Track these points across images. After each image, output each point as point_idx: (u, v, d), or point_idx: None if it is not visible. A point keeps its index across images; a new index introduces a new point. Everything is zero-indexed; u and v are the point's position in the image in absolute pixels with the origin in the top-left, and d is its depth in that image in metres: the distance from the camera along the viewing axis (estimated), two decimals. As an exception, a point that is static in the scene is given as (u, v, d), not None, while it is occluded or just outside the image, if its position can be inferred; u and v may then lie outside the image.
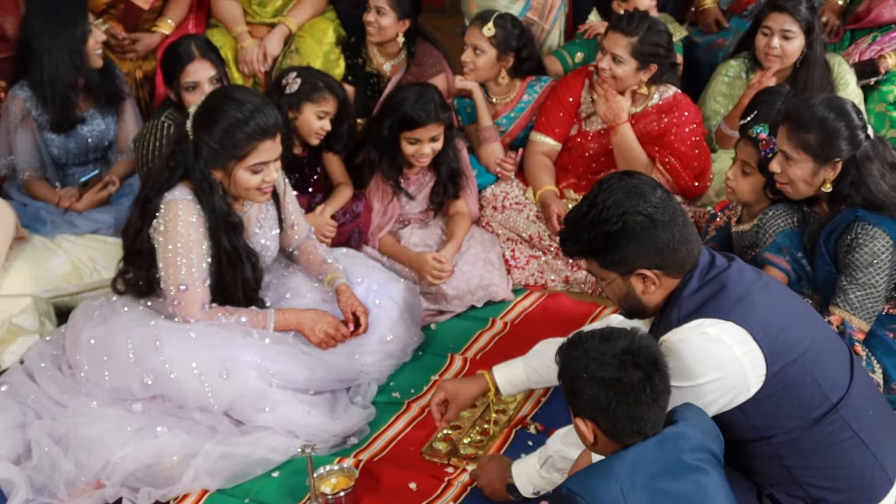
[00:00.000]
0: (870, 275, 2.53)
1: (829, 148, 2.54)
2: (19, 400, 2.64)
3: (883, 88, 3.78)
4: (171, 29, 4.07)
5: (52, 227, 3.37)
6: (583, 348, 1.90)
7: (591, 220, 2.07)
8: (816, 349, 2.11)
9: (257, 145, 2.60)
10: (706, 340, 2.01)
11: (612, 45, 3.37)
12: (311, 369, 2.69)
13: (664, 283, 2.09)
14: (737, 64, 3.71)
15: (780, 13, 3.45)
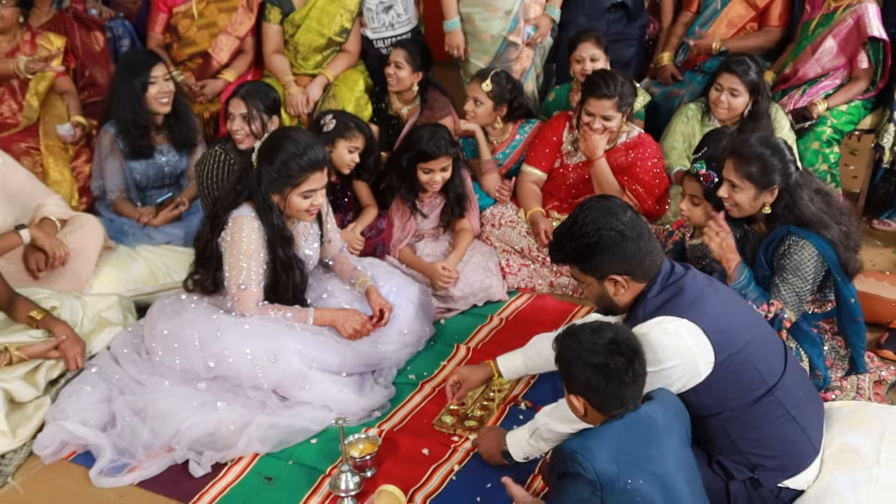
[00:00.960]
0: (798, 276, 2.54)
1: (767, 177, 2.55)
2: (106, 379, 2.65)
3: (817, 129, 3.75)
4: (234, 77, 4.08)
5: (133, 239, 3.39)
6: (577, 339, 1.93)
7: (573, 234, 2.11)
8: (756, 342, 2.12)
9: (309, 176, 2.62)
10: (665, 334, 2.02)
11: (599, 109, 3.35)
12: (342, 356, 2.69)
13: (632, 287, 2.11)
14: (695, 107, 3.69)
15: (730, 74, 3.44)
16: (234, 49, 4.12)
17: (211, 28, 4.06)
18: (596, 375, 1.87)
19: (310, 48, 4.13)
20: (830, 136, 3.76)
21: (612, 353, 1.87)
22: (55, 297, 2.87)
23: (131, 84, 3.39)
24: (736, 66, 3.44)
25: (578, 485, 1.81)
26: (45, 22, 3.84)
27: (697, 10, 4.23)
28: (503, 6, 3.97)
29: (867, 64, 3.79)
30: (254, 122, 3.20)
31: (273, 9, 4.09)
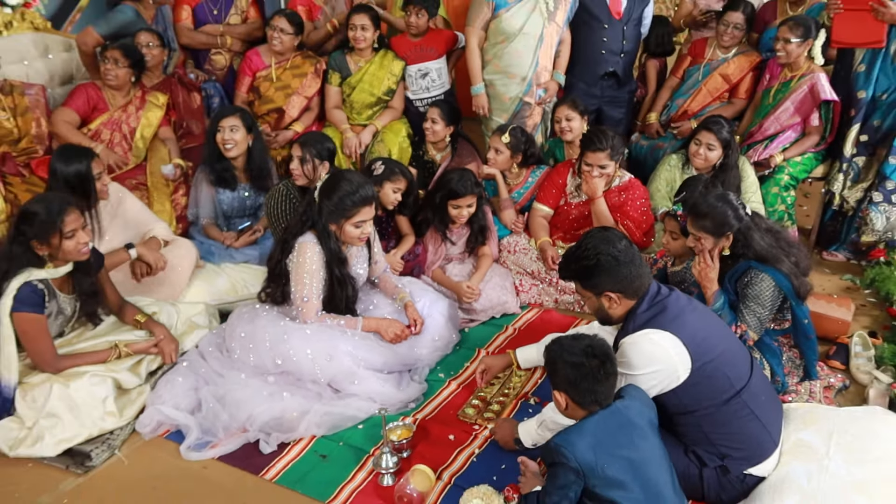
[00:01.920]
0: (758, 304, 2.52)
1: (721, 227, 2.53)
2: (194, 371, 2.66)
3: (776, 177, 3.71)
4: (302, 128, 4.11)
5: (218, 258, 3.40)
6: (560, 343, 1.97)
7: (577, 256, 2.14)
8: (727, 353, 2.11)
9: (360, 209, 2.63)
10: (650, 343, 2.02)
11: (595, 160, 3.34)
12: (385, 356, 2.69)
13: (623, 303, 2.11)
14: (676, 158, 3.67)
15: (707, 131, 3.42)
16: (304, 106, 4.15)
17: (286, 89, 4.10)
18: (574, 372, 1.90)
19: (362, 105, 4.16)
20: (788, 182, 3.72)
21: (587, 354, 1.91)
22: (155, 304, 2.89)
23: (210, 131, 3.47)
24: (712, 125, 3.42)
25: (565, 471, 1.82)
26: (155, 83, 3.91)
27: (682, 77, 4.21)
28: (520, 73, 3.98)
29: (818, 122, 3.76)
30: (306, 164, 3.20)
31: (334, 74, 4.14)
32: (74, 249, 2.43)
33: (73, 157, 2.87)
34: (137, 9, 4.00)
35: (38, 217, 2.36)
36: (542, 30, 3.92)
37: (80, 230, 2.44)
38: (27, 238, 2.38)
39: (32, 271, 2.41)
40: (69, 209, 2.41)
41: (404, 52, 4.17)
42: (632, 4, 4.07)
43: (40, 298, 2.43)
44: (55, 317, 2.55)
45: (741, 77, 4.03)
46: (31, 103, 3.46)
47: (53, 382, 2.40)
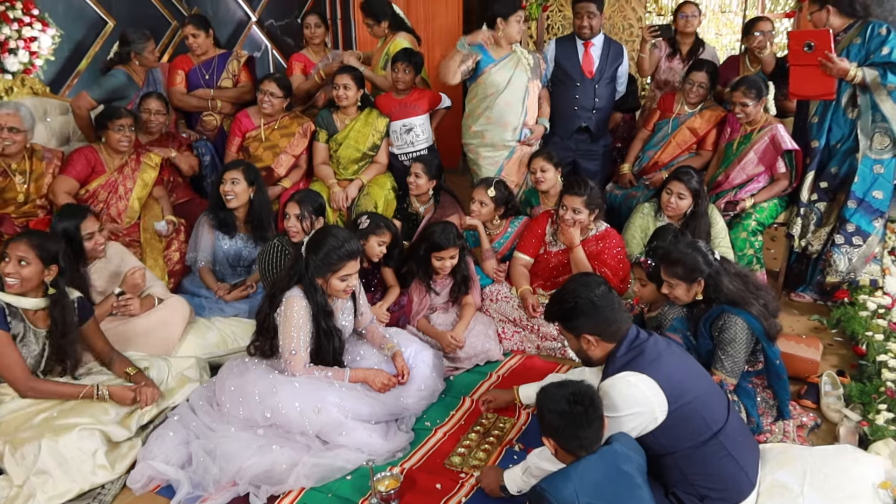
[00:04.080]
0: (734, 348, 2.52)
1: (691, 273, 2.56)
2: (185, 425, 2.61)
3: (744, 222, 3.77)
4: (290, 184, 4.13)
5: (209, 312, 3.38)
6: (546, 391, 1.97)
7: (559, 299, 2.18)
8: (703, 396, 2.11)
9: (346, 263, 2.64)
10: (628, 386, 2.03)
11: (571, 203, 3.41)
12: (372, 407, 2.65)
13: (601, 345, 2.13)
14: (649, 206, 3.72)
15: (678, 181, 3.49)
16: (291, 164, 4.19)
17: (274, 148, 4.14)
18: (558, 420, 1.90)
19: (349, 160, 4.20)
20: (755, 227, 3.78)
21: (570, 401, 1.90)
22: (147, 359, 2.87)
23: (216, 183, 3.53)
24: (682, 175, 3.49)
25: None
26: (150, 141, 3.93)
27: (652, 130, 4.30)
28: (511, 122, 4.07)
29: (785, 169, 3.84)
30: (305, 220, 3.23)
31: (322, 131, 4.19)
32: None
33: (66, 214, 2.96)
34: (129, 72, 4.05)
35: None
36: (526, 83, 4.02)
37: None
38: None
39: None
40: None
41: (389, 109, 4.23)
42: (604, 64, 4.19)
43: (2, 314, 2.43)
44: (20, 341, 2.53)
45: (707, 130, 4.12)
46: (46, 168, 3.47)
47: (42, 438, 2.35)
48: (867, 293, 3.62)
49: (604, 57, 4.19)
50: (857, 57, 3.55)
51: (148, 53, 4.08)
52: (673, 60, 4.57)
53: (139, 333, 3.02)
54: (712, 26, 6.97)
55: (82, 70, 4.40)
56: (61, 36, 4.19)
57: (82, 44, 4.41)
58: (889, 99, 3.51)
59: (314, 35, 4.57)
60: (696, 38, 4.57)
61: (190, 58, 4.41)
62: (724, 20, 6.94)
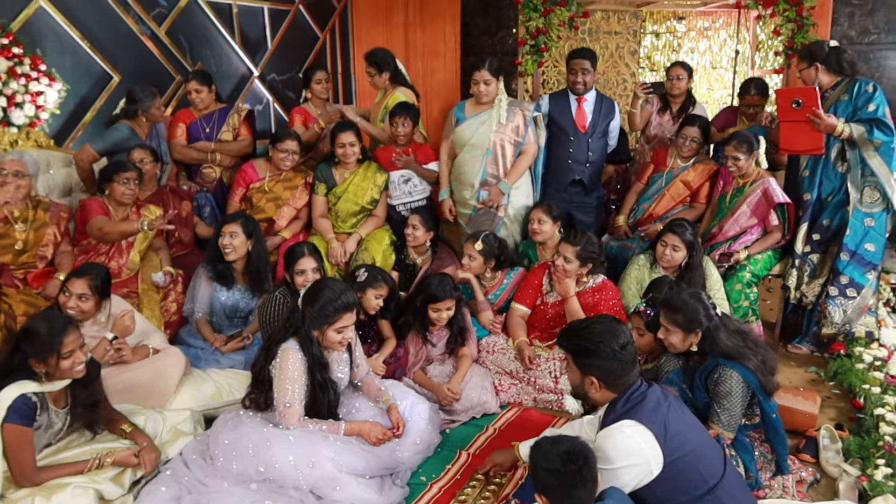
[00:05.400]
0: (730, 402, 2.51)
1: (691, 324, 2.57)
2: (177, 480, 2.57)
3: (739, 274, 3.78)
4: (290, 235, 4.15)
5: (205, 364, 3.35)
6: (540, 447, 1.94)
7: (581, 335, 2.16)
8: (699, 449, 2.10)
9: (342, 316, 2.63)
10: (623, 437, 2.02)
11: (563, 250, 3.43)
12: (366, 461, 2.61)
13: (602, 392, 2.13)
14: (644, 258, 3.74)
15: (672, 234, 3.51)
16: (292, 216, 4.23)
17: (276, 200, 4.18)
18: (551, 478, 1.88)
19: (347, 213, 4.23)
20: (750, 279, 3.79)
21: (564, 460, 1.87)
22: (142, 413, 2.83)
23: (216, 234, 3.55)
24: (677, 228, 3.52)
25: None
26: (149, 195, 3.97)
27: (647, 182, 4.35)
28: (468, 180, 4.13)
29: (777, 221, 3.88)
30: (316, 274, 3.26)
31: (320, 185, 4.23)
32: (70, 368, 2.41)
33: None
34: (133, 126, 4.12)
35: (38, 337, 2.35)
36: (488, 142, 4.05)
37: (78, 349, 2.42)
38: (25, 356, 2.37)
39: (27, 384, 2.37)
40: (70, 329, 2.40)
41: (388, 160, 4.29)
42: (596, 119, 4.26)
43: (32, 412, 2.38)
44: (44, 430, 2.49)
45: (701, 183, 4.18)
46: (50, 219, 3.49)
47: (36, 496, 2.30)
48: (863, 345, 3.62)
49: (596, 111, 4.26)
50: (845, 113, 3.63)
51: (155, 110, 4.16)
52: (664, 116, 4.67)
53: (135, 385, 3.00)
54: (704, 82, 7.12)
55: (87, 123, 4.48)
56: (67, 90, 4.27)
57: (87, 97, 4.49)
58: (876, 155, 3.58)
59: (322, 90, 4.65)
60: (686, 94, 4.68)
61: (191, 111, 4.49)
62: (715, 76, 7.09)
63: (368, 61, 4.53)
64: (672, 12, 6.93)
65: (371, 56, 4.54)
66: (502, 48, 6.26)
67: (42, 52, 4.11)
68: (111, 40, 4.59)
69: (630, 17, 6.08)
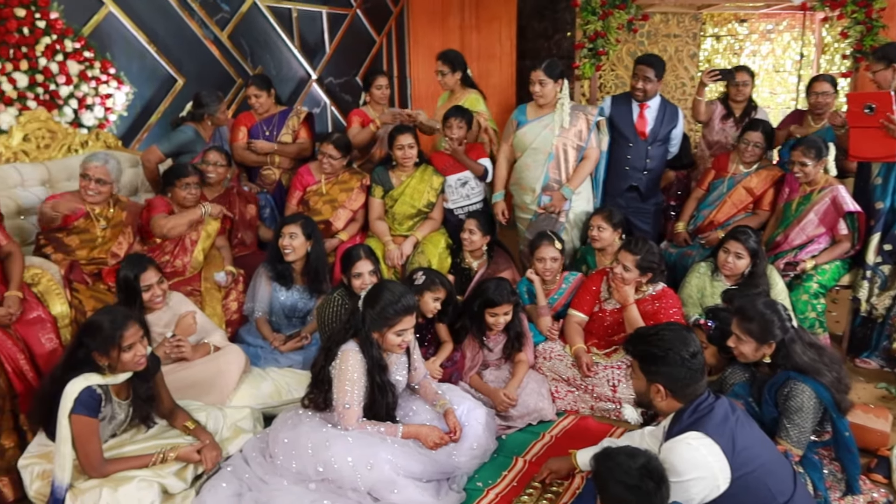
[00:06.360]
0: (801, 417, 2.42)
1: (766, 334, 2.49)
2: (238, 477, 2.61)
3: (805, 284, 3.66)
4: (347, 237, 4.19)
5: (264, 363, 3.41)
6: (614, 461, 1.87)
7: (650, 341, 2.12)
8: (768, 465, 2.03)
9: (402, 318, 2.64)
10: (689, 449, 1.97)
11: (623, 258, 3.37)
12: (424, 464, 2.60)
13: (668, 401, 2.08)
14: (705, 266, 3.64)
15: (735, 241, 3.42)
16: (349, 218, 4.26)
17: (333, 202, 4.23)
18: (628, 495, 1.80)
19: (404, 216, 4.24)
20: (817, 290, 3.66)
21: (644, 476, 1.80)
22: (203, 409, 2.89)
23: (275, 241, 3.60)
24: (740, 234, 3.42)
25: None
26: (216, 196, 4.05)
27: (707, 189, 4.25)
28: (529, 185, 4.10)
29: (847, 230, 3.74)
30: (374, 276, 3.29)
31: (377, 187, 4.25)
32: (131, 361, 2.49)
33: (130, 263, 3.10)
34: (197, 129, 4.22)
35: (101, 331, 2.43)
36: (551, 146, 4.01)
37: (138, 343, 2.50)
38: (89, 349, 2.44)
39: (92, 376, 2.44)
40: (129, 323, 2.47)
41: (445, 163, 4.29)
42: (658, 126, 4.17)
43: (97, 403, 2.45)
44: (108, 421, 2.56)
45: (764, 190, 4.05)
46: (126, 219, 3.61)
47: (103, 487, 2.37)
48: (936, 361, 3.47)
49: (659, 119, 4.17)
50: (922, 119, 3.47)
51: (220, 114, 4.27)
52: (726, 122, 4.55)
53: (196, 381, 3.06)
54: (766, 85, 6.93)
55: (152, 125, 4.61)
56: (134, 93, 4.41)
57: (153, 100, 4.63)
58: (955, 162, 3.42)
59: (382, 95, 4.69)
60: (749, 100, 4.55)
61: (252, 114, 4.57)
62: (778, 79, 6.89)
63: (443, 60, 4.53)
64: (733, 14, 6.75)
65: (446, 55, 4.56)
66: (558, 51, 6.21)
67: (111, 56, 4.25)
68: (176, 45, 4.72)
69: (690, 19, 5.95)
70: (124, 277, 3.06)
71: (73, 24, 4.01)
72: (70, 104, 3.97)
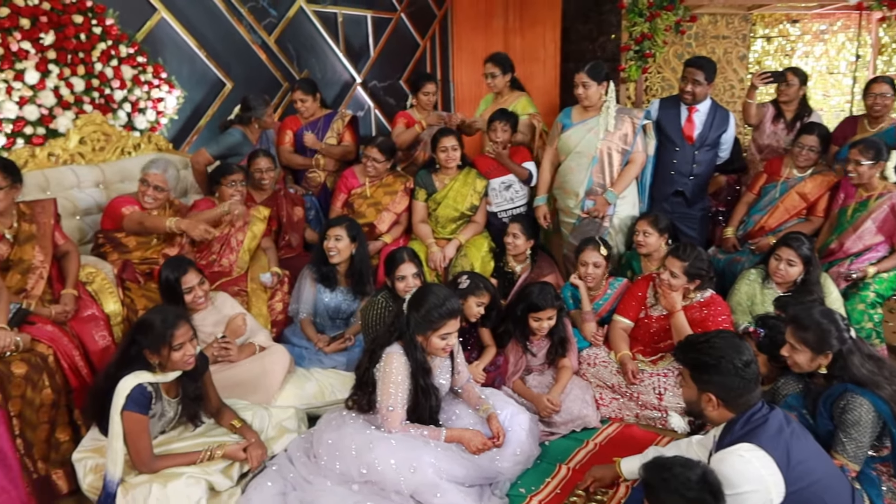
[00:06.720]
0: (858, 431, 2.33)
1: (822, 344, 2.41)
2: (283, 476, 2.63)
3: (862, 293, 3.56)
4: (391, 240, 4.22)
5: (308, 363, 3.44)
6: (671, 472, 1.83)
7: (701, 349, 2.08)
8: (825, 481, 1.97)
9: (446, 322, 2.64)
10: (741, 461, 1.91)
11: (670, 265, 3.31)
12: (466, 469, 2.59)
13: (720, 410, 2.03)
14: (755, 273, 3.56)
15: (787, 248, 3.34)
16: (393, 221, 4.28)
17: (377, 205, 4.26)
18: None
19: (447, 219, 4.25)
20: (874, 299, 3.55)
21: (703, 489, 1.76)
22: (249, 408, 2.93)
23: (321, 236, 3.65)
24: (793, 241, 3.34)
25: None
26: (265, 199, 4.12)
27: (759, 193, 4.15)
28: (573, 189, 4.07)
29: (906, 239, 3.62)
30: (417, 278, 3.30)
31: (420, 190, 4.27)
32: (181, 360, 2.54)
33: (170, 266, 3.15)
34: (245, 132, 4.30)
35: (153, 329, 2.49)
36: (595, 149, 3.96)
37: (188, 342, 2.54)
38: (141, 346, 2.50)
39: (143, 374, 2.50)
40: (181, 323, 2.53)
41: (488, 167, 4.28)
42: (707, 130, 4.08)
43: (147, 400, 2.50)
44: (158, 418, 2.62)
45: (819, 196, 3.94)
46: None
47: (153, 483, 2.42)
48: None
49: (708, 123, 4.08)
50: None
51: (267, 117, 4.34)
52: (777, 125, 4.43)
53: (242, 381, 3.11)
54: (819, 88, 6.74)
55: (201, 128, 4.71)
56: (185, 96, 4.51)
57: (202, 103, 4.73)
58: None
59: (429, 101, 4.71)
60: (801, 102, 4.43)
61: (298, 118, 4.64)
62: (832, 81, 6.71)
63: (494, 62, 4.54)
64: (785, 15, 6.61)
65: (496, 57, 4.57)
66: (603, 53, 6.15)
67: (163, 60, 4.35)
68: (225, 49, 4.81)
69: (739, 20, 5.84)
70: (166, 279, 3.13)
71: (127, 29, 4.12)
72: (124, 108, 4.08)
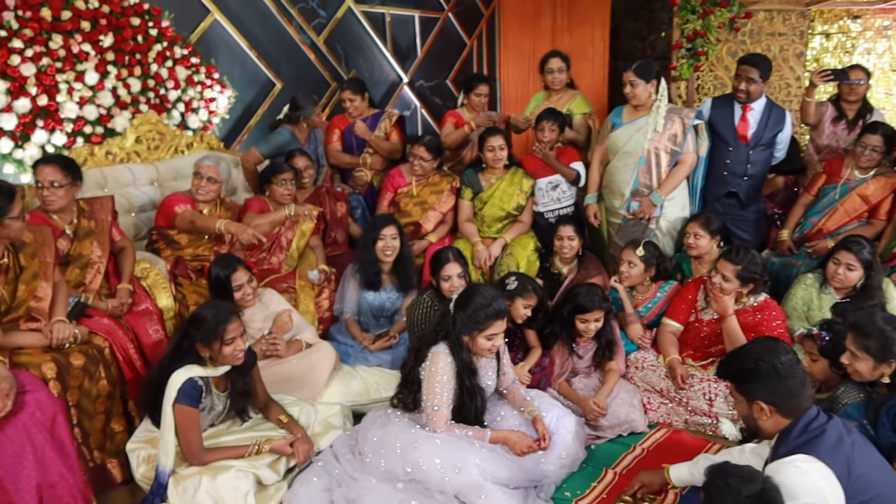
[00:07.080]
0: (923, 443, 2.24)
1: (885, 352, 2.31)
2: (328, 472, 2.65)
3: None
4: (436, 239, 4.23)
5: (353, 361, 3.47)
6: (733, 480, 1.81)
7: (738, 357, 2.05)
8: (889, 493, 1.89)
9: (493, 323, 2.62)
10: (798, 472, 1.84)
11: (723, 268, 3.22)
12: (511, 471, 2.56)
13: (774, 418, 1.97)
14: (812, 277, 3.44)
15: (847, 252, 3.22)
16: (438, 220, 4.30)
17: (423, 204, 4.28)
18: None
19: (493, 219, 4.23)
20: (939, 307, 3.39)
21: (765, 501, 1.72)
22: (296, 404, 2.97)
23: (369, 238, 3.66)
24: (853, 245, 3.22)
25: None
26: (307, 196, 4.17)
27: (817, 195, 4.02)
28: (619, 189, 4.02)
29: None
30: (462, 278, 3.30)
31: (467, 190, 4.26)
32: (231, 355, 2.58)
33: (220, 264, 3.22)
34: (294, 131, 4.35)
35: (205, 323, 2.54)
36: (642, 149, 3.89)
37: (239, 338, 2.59)
38: (193, 340, 2.55)
39: (194, 368, 2.55)
40: (232, 318, 2.57)
41: (535, 167, 4.25)
42: (762, 130, 3.98)
43: (198, 394, 2.56)
44: (207, 412, 2.67)
45: (882, 198, 3.80)
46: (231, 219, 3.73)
47: (203, 475, 2.47)
48: None
49: (763, 122, 3.97)
50: None
51: (315, 117, 4.40)
52: (837, 125, 4.29)
53: (289, 377, 3.15)
54: (881, 86, 6.50)
55: (252, 127, 4.80)
56: (236, 96, 4.59)
57: (253, 103, 4.81)
58: None
59: (479, 103, 4.69)
60: (863, 102, 4.28)
61: (346, 117, 4.68)
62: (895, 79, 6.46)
63: (560, 57, 4.55)
64: (845, 11, 6.39)
65: (559, 53, 4.57)
66: (653, 52, 6.04)
67: (215, 61, 4.44)
68: (275, 50, 4.89)
69: (797, 16, 5.68)
70: (216, 276, 3.19)
71: (181, 31, 4.21)
72: (178, 107, 4.18)
